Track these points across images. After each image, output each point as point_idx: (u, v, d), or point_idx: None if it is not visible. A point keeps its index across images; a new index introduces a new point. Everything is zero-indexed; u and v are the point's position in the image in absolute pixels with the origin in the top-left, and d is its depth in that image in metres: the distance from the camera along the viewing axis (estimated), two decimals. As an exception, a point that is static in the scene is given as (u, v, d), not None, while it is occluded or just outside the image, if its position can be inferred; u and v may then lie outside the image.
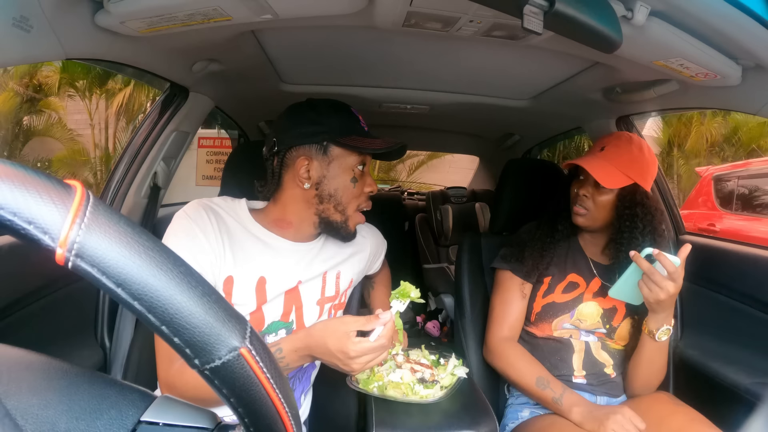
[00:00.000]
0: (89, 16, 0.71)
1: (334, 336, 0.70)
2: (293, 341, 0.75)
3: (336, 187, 0.85)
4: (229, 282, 0.80)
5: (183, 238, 0.77)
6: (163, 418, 0.31)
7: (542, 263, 1.08)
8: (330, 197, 0.85)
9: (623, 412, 0.90)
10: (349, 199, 0.86)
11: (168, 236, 0.79)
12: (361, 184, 0.87)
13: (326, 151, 0.84)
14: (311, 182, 0.84)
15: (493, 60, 1.12)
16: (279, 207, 0.88)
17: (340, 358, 0.70)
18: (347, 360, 0.70)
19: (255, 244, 0.84)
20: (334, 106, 0.87)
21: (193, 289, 0.26)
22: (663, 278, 0.88)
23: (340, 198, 0.85)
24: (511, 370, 1.06)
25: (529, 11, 0.56)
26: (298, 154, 0.84)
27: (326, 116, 0.84)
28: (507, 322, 1.10)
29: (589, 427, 0.92)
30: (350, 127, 0.85)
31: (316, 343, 0.72)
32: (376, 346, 0.70)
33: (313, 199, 0.85)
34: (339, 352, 0.70)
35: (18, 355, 0.34)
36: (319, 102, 0.87)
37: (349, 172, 0.85)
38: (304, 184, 0.84)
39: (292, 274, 0.87)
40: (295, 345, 0.74)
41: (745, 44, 0.73)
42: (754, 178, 4.35)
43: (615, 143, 1.03)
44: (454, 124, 1.97)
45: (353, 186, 0.86)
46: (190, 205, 0.83)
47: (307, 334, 0.74)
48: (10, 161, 0.23)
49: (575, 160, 1.04)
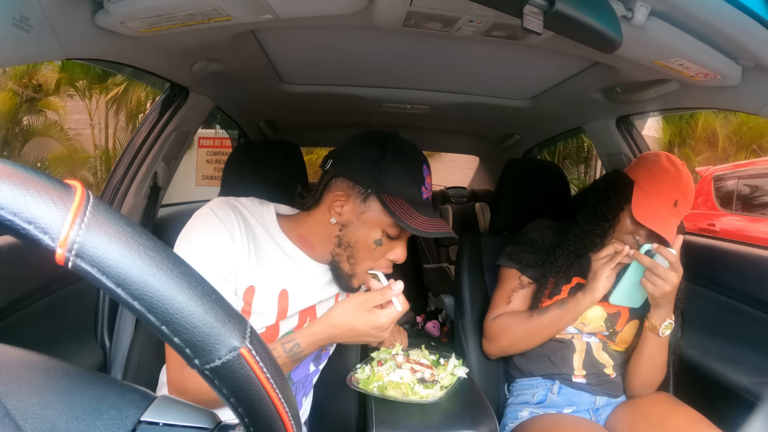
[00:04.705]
0: (89, 16, 0.71)
1: (358, 316, 0.73)
2: (312, 335, 0.75)
3: (357, 240, 0.79)
4: (250, 291, 0.77)
5: (208, 236, 0.73)
6: (163, 418, 0.31)
7: (554, 267, 1.06)
8: (348, 246, 0.80)
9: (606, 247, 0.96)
10: (364, 257, 0.80)
11: (189, 231, 0.74)
12: (385, 248, 0.80)
13: (366, 199, 0.77)
14: (339, 221, 0.79)
15: (493, 60, 1.12)
16: (308, 224, 0.83)
17: (371, 333, 0.74)
18: (380, 332, 0.74)
19: (280, 256, 0.81)
20: (404, 157, 0.79)
21: (193, 289, 0.26)
22: (666, 270, 0.89)
23: (356, 252, 0.80)
24: (512, 333, 1.06)
25: (529, 11, 0.56)
26: (341, 187, 0.79)
27: (389, 163, 0.77)
28: (505, 312, 1.10)
29: (590, 285, 0.96)
30: (406, 188, 0.77)
31: (341, 330, 0.74)
32: (401, 312, 0.75)
33: (334, 238, 0.80)
34: (372, 329, 0.74)
35: (18, 355, 0.34)
36: (393, 144, 0.79)
37: (377, 232, 0.78)
38: (332, 218, 0.79)
39: (312, 293, 0.85)
40: (315, 338, 0.75)
41: (745, 44, 0.73)
42: (754, 178, 4.35)
43: (685, 192, 0.97)
44: (454, 124, 1.97)
45: (374, 247, 0.79)
46: (215, 202, 0.78)
47: (328, 325, 0.75)
48: (10, 161, 0.23)
49: (657, 228, 0.93)
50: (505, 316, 1.08)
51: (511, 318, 1.07)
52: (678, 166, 0.99)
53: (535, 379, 1.10)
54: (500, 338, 1.08)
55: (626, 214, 1.00)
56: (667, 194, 0.96)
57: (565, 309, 0.99)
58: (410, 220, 0.74)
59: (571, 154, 8.03)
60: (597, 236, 1.03)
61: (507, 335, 1.06)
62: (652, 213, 0.95)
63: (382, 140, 0.79)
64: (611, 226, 1.02)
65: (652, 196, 0.97)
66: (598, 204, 1.04)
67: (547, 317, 1.01)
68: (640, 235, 0.99)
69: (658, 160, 1.01)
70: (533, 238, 1.14)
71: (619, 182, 1.04)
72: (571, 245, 1.06)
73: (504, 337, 1.07)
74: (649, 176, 0.99)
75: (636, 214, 0.95)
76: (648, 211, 0.95)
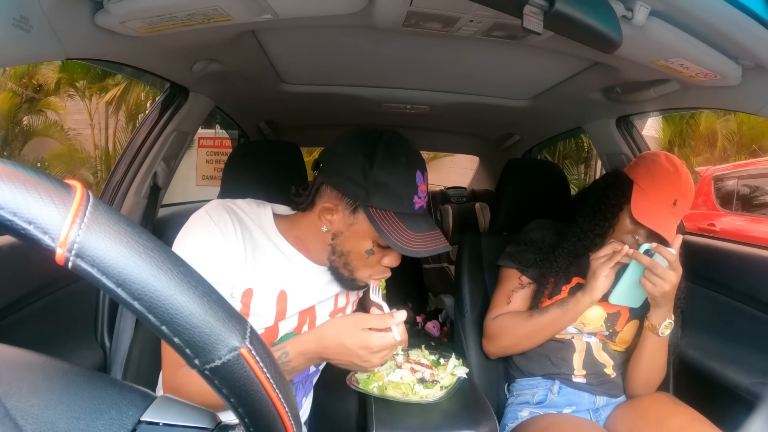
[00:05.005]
0: (89, 16, 0.71)
1: (351, 333, 0.70)
2: (301, 344, 0.72)
3: (349, 250, 0.78)
4: (248, 294, 0.76)
5: (202, 238, 0.72)
6: (163, 418, 0.31)
7: (554, 267, 1.06)
8: (342, 255, 0.79)
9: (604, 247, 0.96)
10: (359, 265, 0.79)
11: (185, 235, 0.74)
12: (378, 256, 0.79)
13: (355, 210, 0.75)
14: (330, 229, 0.78)
15: (493, 60, 1.12)
16: (302, 227, 0.82)
17: (360, 354, 0.70)
18: (369, 355, 0.70)
19: (277, 257, 0.80)
20: (395, 164, 0.73)
21: (192, 289, 0.26)
22: (665, 269, 0.89)
23: (350, 260, 0.79)
24: (512, 333, 1.06)
25: (529, 11, 0.56)
26: (330, 196, 0.76)
27: (377, 172, 0.72)
28: (505, 312, 1.10)
29: (589, 285, 0.96)
30: (395, 200, 0.73)
31: (331, 344, 0.71)
32: (397, 342, 0.71)
33: (328, 246, 0.79)
34: (360, 348, 0.69)
35: (18, 355, 0.34)
36: (385, 147, 0.74)
37: (367, 243, 0.76)
38: (323, 227, 0.78)
39: (311, 293, 0.84)
40: (304, 348, 0.72)
41: (745, 44, 0.73)
42: (754, 178, 4.35)
43: (684, 191, 0.97)
44: (454, 124, 1.97)
45: (367, 257, 0.78)
46: (211, 205, 0.77)
47: (318, 336, 0.72)
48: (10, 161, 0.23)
49: (656, 228, 0.93)
50: (505, 316, 1.08)
51: (511, 318, 1.07)
52: (677, 165, 0.99)
53: (535, 379, 1.10)
54: (500, 338, 1.08)
55: (626, 214, 1.00)
56: (666, 193, 0.97)
57: (564, 309, 0.99)
58: (398, 238, 0.71)
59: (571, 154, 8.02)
60: (597, 236, 1.03)
61: (507, 335, 1.06)
62: (651, 212, 0.95)
63: (373, 144, 0.74)
64: (611, 225, 1.02)
65: (651, 195, 0.97)
66: (598, 204, 1.04)
67: (547, 317, 1.01)
68: (639, 234, 0.99)
69: (657, 160, 1.01)
70: (533, 238, 1.14)
71: (618, 182, 1.04)
72: (570, 245, 1.06)
73: (504, 337, 1.07)
74: (649, 176, 0.99)
75: (635, 213, 0.95)
76: (647, 211, 0.95)
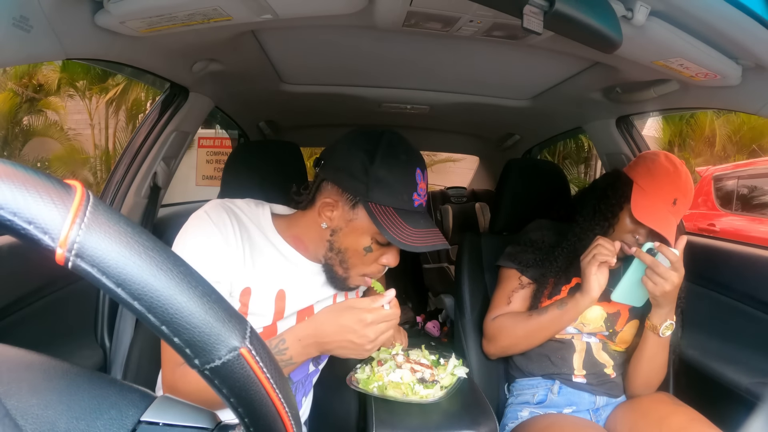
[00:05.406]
0: (89, 16, 0.71)
1: (345, 312, 0.71)
2: (297, 330, 0.73)
3: (347, 246, 0.78)
4: (246, 293, 0.77)
5: (201, 238, 0.73)
6: (163, 418, 0.31)
7: (553, 267, 1.06)
8: (339, 252, 0.79)
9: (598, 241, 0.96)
10: (356, 262, 0.80)
11: (184, 234, 0.74)
12: (377, 254, 0.79)
13: (355, 206, 0.76)
14: (329, 225, 0.79)
15: (493, 60, 1.12)
16: (301, 225, 0.82)
17: (355, 328, 0.70)
18: (364, 328, 0.70)
19: (276, 256, 0.81)
20: (396, 161, 0.75)
21: (193, 289, 0.26)
22: (667, 269, 0.89)
23: (347, 258, 0.79)
24: (512, 333, 1.06)
25: (529, 11, 0.56)
26: (330, 192, 0.78)
27: (378, 168, 0.73)
28: (504, 312, 1.10)
29: (583, 285, 0.96)
30: (395, 196, 0.74)
31: (326, 324, 0.71)
32: (390, 314, 0.71)
33: (326, 242, 0.80)
34: (355, 323, 0.70)
35: (18, 355, 0.34)
36: (386, 146, 0.75)
37: (366, 239, 0.77)
38: (322, 223, 0.79)
39: (309, 293, 0.84)
40: (300, 333, 0.72)
41: (745, 44, 0.73)
42: (754, 178, 4.35)
43: (684, 190, 0.97)
44: (454, 124, 1.97)
45: (365, 254, 0.78)
46: (210, 205, 0.78)
47: (313, 320, 0.73)
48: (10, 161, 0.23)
49: (656, 227, 0.93)
50: (504, 317, 1.08)
51: (510, 318, 1.07)
52: (677, 164, 0.99)
53: (535, 379, 1.10)
54: (500, 338, 1.08)
55: (626, 214, 1.00)
56: (666, 193, 0.97)
57: (564, 309, 0.99)
58: (397, 233, 0.72)
59: (571, 154, 8.02)
60: (596, 236, 1.03)
61: (507, 335, 1.07)
62: (651, 212, 0.95)
63: (374, 141, 0.76)
64: (611, 225, 1.02)
65: (651, 194, 0.97)
66: (598, 204, 1.04)
67: (547, 317, 1.01)
68: (640, 234, 0.99)
69: (657, 159, 1.01)
70: (533, 239, 1.14)
71: (618, 182, 1.04)
72: (570, 245, 1.06)
73: (504, 337, 1.07)
74: (648, 175, 0.99)
75: (635, 213, 0.95)
76: (647, 210, 0.95)
